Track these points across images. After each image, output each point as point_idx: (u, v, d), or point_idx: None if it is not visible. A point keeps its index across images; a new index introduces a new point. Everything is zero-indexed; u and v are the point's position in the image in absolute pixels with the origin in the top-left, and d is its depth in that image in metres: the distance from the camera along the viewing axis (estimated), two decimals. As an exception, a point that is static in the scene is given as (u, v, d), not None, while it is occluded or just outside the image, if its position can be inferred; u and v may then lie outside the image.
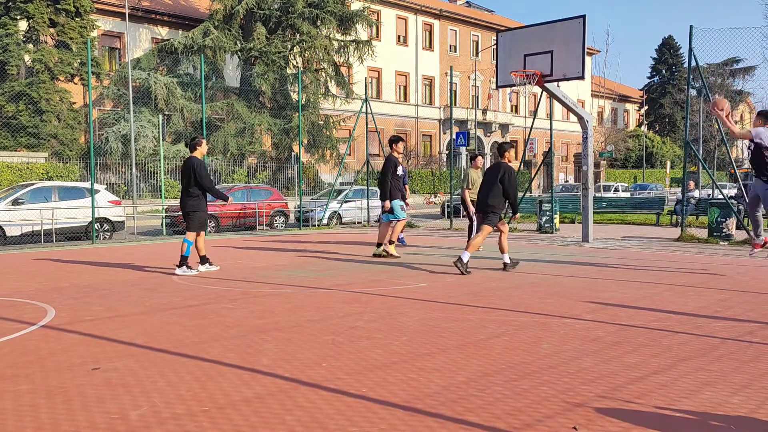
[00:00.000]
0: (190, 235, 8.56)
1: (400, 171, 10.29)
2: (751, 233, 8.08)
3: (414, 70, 48.24)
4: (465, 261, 8.26)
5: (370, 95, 33.85)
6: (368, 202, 19.07)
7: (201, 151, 8.78)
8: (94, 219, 13.60)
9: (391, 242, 10.30)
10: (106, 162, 27.86)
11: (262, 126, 32.84)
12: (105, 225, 15.01)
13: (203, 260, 8.83)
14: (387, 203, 10.12)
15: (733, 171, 34.21)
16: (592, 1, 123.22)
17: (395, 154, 10.31)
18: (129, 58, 30.26)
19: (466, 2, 58.63)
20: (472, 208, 10.80)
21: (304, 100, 31.82)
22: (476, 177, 11.22)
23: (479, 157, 11.77)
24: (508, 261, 8.75)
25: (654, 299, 6.41)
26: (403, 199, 10.49)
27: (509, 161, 8.73)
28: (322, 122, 34.85)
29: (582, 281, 7.66)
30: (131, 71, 27.19)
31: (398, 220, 10.31)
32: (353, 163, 39.46)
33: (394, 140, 10.35)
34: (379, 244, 10.32)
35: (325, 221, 18.89)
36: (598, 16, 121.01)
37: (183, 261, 8.48)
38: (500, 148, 8.90)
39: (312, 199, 21.95)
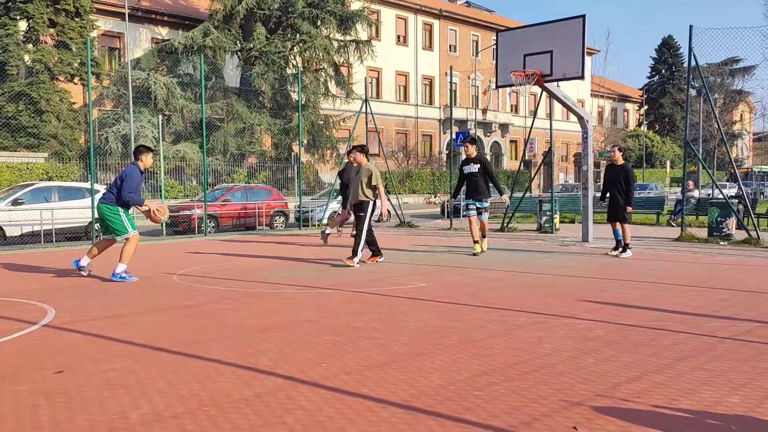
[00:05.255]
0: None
1: None
2: None
3: (414, 70, 48.23)
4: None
5: (370, 95, 33.82)
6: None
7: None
8: (94, 219, 13.60)
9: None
10: (106, 162, 27.83)
11: (262, 126, 32.83)
12: (105, 225, 14.99)
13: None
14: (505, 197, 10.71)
15: (733, 171, 34.19)
16: (592, 1, 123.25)
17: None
18: (129, 58, 30.24)
19: (466, 2, 58.61)
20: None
21: (304, 100, 31.80)
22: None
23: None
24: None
25: (653, 299, 6.41)
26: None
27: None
28: (322, 122, 34.85)
29: (582, 281, 7.66)
30: (131, 71, 27.17)
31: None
32: (353, 163, 39.42)
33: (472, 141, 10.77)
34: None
35: (325, 221, 18.89)
36: (598, 16, 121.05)
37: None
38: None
39: (312, 199, 21.96)
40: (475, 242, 10.45)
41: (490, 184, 10.54)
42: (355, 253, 9.13)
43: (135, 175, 8.00)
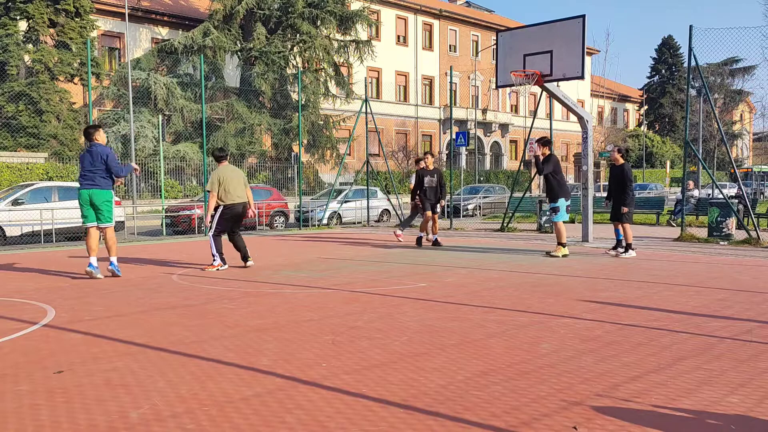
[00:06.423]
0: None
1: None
2: None
3: (414, 70, 48.24)
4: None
5: (370, 95, 33.86)
6: (368, 202, 19.07)
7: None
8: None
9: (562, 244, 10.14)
10: (105, 162, 27.83)
11: (262, 126, 32.85)
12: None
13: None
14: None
15: (733, 171, 34.21)
16: (592, 1, 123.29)
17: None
18: (129, 58, 30.25)
19: (466, 2, 58.63)
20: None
21: (304, 100, 31.82)
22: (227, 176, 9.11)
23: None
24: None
25: (653, 298, 6.42)
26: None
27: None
28: (322, 122, 34.87)
29: (581, 281, 7.67)
30: (131, 71, 27.16)
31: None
32: (353, 163, 39.46)
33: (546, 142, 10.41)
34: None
35: (325, 221, 18.90)
36: (598, 16, 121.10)
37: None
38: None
39: (312, 199, 21.96)
40: (559, 245, 10.20)
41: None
42: (213, 257, 8.92)
43: (112, 151, 8.18)
